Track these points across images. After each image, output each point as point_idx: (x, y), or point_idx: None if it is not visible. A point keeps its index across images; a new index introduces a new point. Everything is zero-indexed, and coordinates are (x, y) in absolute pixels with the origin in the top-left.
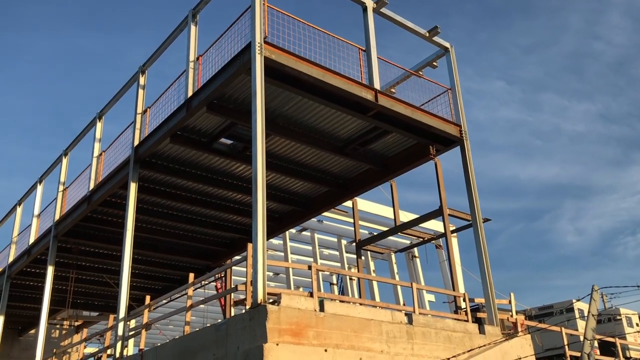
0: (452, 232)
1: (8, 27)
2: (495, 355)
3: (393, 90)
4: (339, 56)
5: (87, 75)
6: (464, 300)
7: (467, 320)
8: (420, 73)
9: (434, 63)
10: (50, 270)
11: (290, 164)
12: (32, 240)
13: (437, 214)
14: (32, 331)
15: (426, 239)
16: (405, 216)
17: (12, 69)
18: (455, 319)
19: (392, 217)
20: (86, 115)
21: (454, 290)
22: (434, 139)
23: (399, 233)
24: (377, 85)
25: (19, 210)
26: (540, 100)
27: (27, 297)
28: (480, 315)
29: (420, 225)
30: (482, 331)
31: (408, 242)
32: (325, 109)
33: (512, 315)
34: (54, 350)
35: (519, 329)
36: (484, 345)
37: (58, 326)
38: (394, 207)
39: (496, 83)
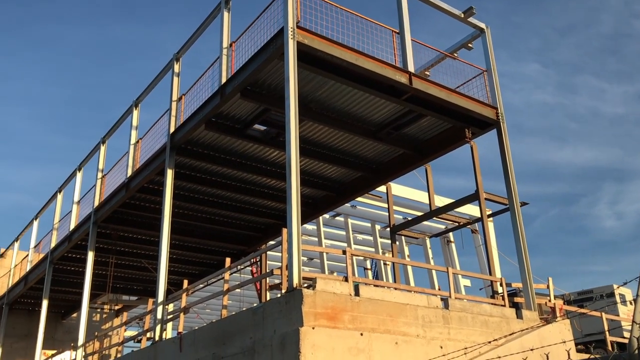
0: (489, 216)
1: (46, 19)
2: (533, 340)
3: (427, 73)
4: (372, 39)
5: (122, 65)
6: (501, 285)
7: (504, 305)
8: (455, 55)
9: (469, 44)
10: (90, 256)
11: (323, 149)
12: (72, 226)
13: (473, 198)
14: (74, 315)
15: (462, 223)
16: (441, 200)
17: (50, 60)
18: (492, 304)
19: (427, 201)
20: (122, 104)
21: (490, 275)
22: (469, 122)
23: (434, 218)
24: (411, 68)
25: (59, 197)
26: (577, 83)
27: (69, 282)
28: (517, 300)
29: (456, 209)
30: (519, 316)
31: (443, 226)
32: (359, 93)
33: (550, 300)
34: (96, 333)
35: (558, 314)
36: (522, 330)
37: (99, 310)
38: (428, 191)
39: (531, 66)
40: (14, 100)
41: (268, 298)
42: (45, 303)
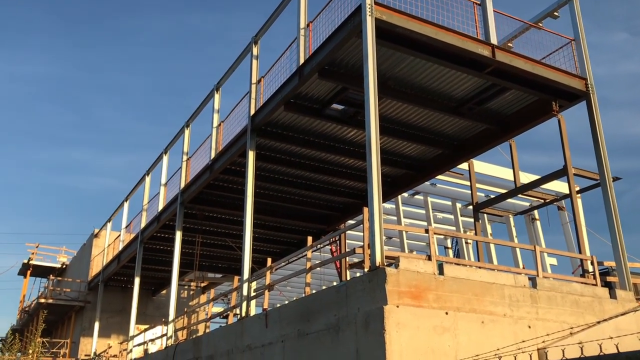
0: (578, 192)
1: (123, 12)
2: (629, 321)
3: (510, 44)
4: (451, 12)
5: (198, 53)
6: (592, 263)
7: (595, 284)
8: (540, 25)
9: (555, 13)
10: (178, 235)
11: (402, 126)
12: (160, 207)
13: (561, 173)
14: (164, 291)
15: (548, 200)
16: (526, 177)
17: (129, 51)
18: (583, 283)
19: (510, 178)
20: (199, 90)
21: (579, 253)
22: (556, 95)
23: (519, 195)
24: (494, 40)
25: (147, 179)
26: None
27: (158, 260)
28: (610, 279)
29: (541, 186)
30: (613, 296)
31: (527, 204)
32: (439, 68)
33: None
34: (185, 309)
35: None
36: (622, 314)
37: (186, 287)
38: (513, 167)
39: (618, 35)
40: (100, 90)
41: (348, 277)
42: (137, 280)
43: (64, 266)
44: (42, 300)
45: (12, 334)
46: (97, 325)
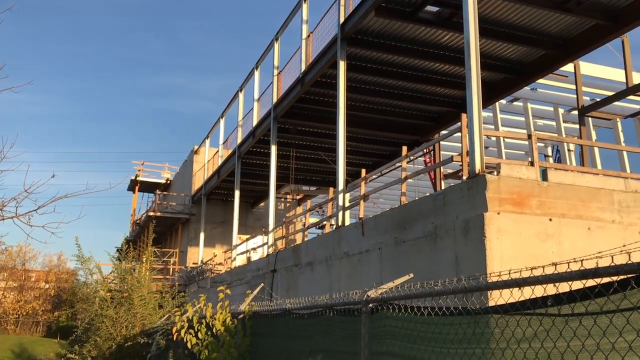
0: None
1: None
2: None
3: None
4: None
5: None
6: None
7: None
8: None
9: None
10: (273, 149)
11: (501, 27)
12: (255, 122)
13: None
14: (262, 204)
15: None
16: (639, 77)
17: None
18: None
19: (618, 79)
20: (283, 12)
21: None
22: None
23: (629, 97)
24: None
25: (241, 96)
26: None
27: (255, 174)
28: None
29: None
30: None
31: (639, 106)
32: None
33: None
34: (284, 219)
35: None
36: None
37: (282, 199)
38: (625, 65)
39: None
40: (190, 15)
41: (443, 187)
42: (237, 193)
43: (168, 182)
44: (151, 214)
45: (126, 244)
46: (202, 235)
